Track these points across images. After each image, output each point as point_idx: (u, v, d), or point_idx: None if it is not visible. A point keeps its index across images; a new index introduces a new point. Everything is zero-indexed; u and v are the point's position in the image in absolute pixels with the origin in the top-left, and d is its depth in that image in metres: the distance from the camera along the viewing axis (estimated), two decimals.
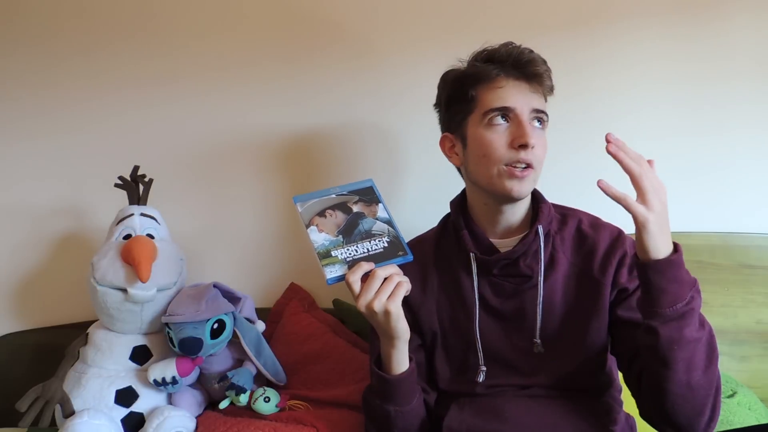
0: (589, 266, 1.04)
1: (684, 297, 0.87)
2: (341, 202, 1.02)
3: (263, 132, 1.56)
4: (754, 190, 1.48)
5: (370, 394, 1.06)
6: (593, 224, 1.09)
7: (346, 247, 0.96)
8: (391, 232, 0.99)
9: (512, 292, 1.05)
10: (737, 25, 1.45)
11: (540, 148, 1.02)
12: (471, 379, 1.06)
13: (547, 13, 1.48)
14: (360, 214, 1.01)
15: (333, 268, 0.94)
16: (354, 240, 0.97)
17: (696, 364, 0.88)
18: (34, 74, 1.57)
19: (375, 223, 1.00)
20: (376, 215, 1.01)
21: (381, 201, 1.03)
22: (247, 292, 1.41)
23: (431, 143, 1.42)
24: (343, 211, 1.01)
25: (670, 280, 0.86)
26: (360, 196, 1.03)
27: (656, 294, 0.87)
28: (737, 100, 1.47)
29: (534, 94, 1.03)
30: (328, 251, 0.96)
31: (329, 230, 0.98)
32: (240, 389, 1.26)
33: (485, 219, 1.08)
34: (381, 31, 1.52)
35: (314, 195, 1.02)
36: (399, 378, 1.00)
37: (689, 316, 0.87)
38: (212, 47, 1.55)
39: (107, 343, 1.30)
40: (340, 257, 0.95)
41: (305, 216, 1.00)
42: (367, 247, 0.97)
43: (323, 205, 1.01)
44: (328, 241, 0.97)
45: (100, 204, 1.55)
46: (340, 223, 0.99)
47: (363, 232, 0.98)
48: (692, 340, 0.87)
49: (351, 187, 1.04)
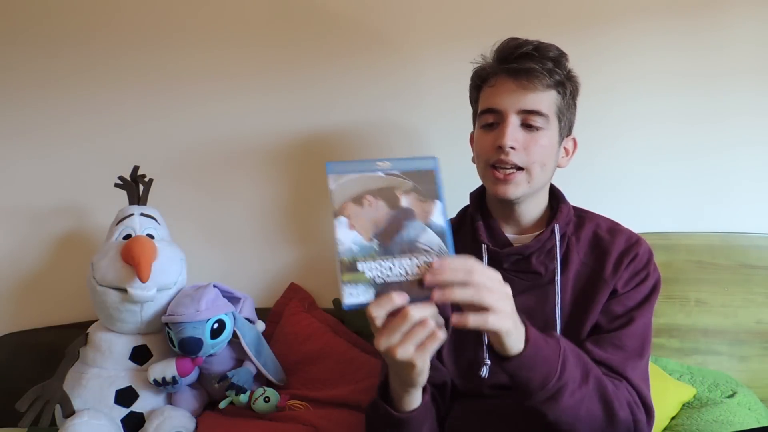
0: (600, 267, 1.03)
1: (554, 372, 0.82)
2: (388, 187, 0.74)
3: (263, 132, 1.56)
4: (754, 190, 1.48)
5: (375, 418, 0.94)
6: (611, 229, 1.08)
7: (378, 261, 0.71)
8: (442, 250, 0.73)
9: (522, 288, 1.04)
10: (738, 26, 1.45)
11: (533, 149, 1.00)
12: (476, 376, 1.04)
13: (564, 12, 1.48)
14: (408, 213, 0.74)
15: (355, 289, 0.70)
16: (392, 251, 0.72)
17: (592, 423, 0.87)
18: (35, 75, 1.57)
19: (425, 231, 0.73)
20: (428, 218, 0.74)
21: (441, 198, 0.75)
22: (247, 292, 1.41)
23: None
24: (388, 203, 0.74)
25: (533, 366, 0.81)
26: (415, 183, 0.75)
27: (524, 386, 0.83)
28: (738, 100, 1.47)
29: (524, 93, 0.99)
30: (354, 262, 0.71)
31: (363, 229, 0.72)
32: (240, 389, 1.26)
33: (500, 213, 1.09)
34: (399, 29, 1.52)
35: (354, 167, 0.75)
36: (409, 416, 0.88)
37: (564, 387, 0.83)
38: (216, 46, 1.55)
39: (107, 343, 1.30)
40: (368, 275, 0.71)
41: (337, 198, 0.73)
42: (406, 268, 0.72)
43: (363, 186, 0.74)
44: (358, 246, 0.71)
45: (100, 204, 1.55)
46: (379, 220, 0.73)
47: (406, 241, 0.72)
48: (576, 401, 0.85)
49: (406, 165, 0.76)
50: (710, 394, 1.33)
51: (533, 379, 0.82)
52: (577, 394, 0.85)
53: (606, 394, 0.89)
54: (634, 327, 0.99)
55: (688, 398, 1.32)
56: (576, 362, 0.86)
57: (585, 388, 0.86)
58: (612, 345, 0.98)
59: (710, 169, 1.49)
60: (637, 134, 1.49)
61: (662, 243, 1.44)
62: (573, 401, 0.85)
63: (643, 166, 1.50)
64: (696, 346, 1.44)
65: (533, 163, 1.01)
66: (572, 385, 0.84)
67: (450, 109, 1.32)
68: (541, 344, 0.81)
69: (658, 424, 1.23)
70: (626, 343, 0.98)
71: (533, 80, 0.99)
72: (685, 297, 1.44)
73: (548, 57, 1.00)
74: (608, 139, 1.49)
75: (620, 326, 0.99)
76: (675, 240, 1.45)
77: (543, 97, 1.01)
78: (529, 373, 0.81)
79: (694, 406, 1.30)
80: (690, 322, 1.44)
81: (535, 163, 1.01)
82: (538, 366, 0.81)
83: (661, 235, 1.45)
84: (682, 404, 1.31)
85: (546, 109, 1.01)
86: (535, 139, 1.01)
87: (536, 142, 1.01)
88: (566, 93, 1.03)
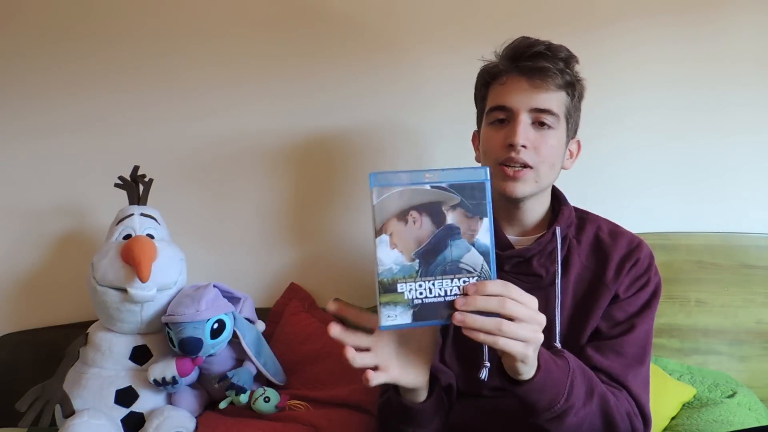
0: (602, 271, 1.03)
1: (561, 394, 0.82)
2: (434, 202, 0.70)
3: (264, 132, 1.56)
4: (754, 190, 1.48)
5: (388, 411, 0.96)
6: (612, 232, 1.07)
7: (419, 281, 0.69)
8: (485, 271, 0.71)
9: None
10: (738, 26, 1.45)
11: (542, 148, 1.00)
12: (476, 378, 1.04)
13: (559, 7, 1.48)
14: (453, 231, 0.70)
15: (393, 311, 0.68)
16: (433, 272, 0.69)
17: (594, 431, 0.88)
18: (35, 74, 1.57)
19: (469, 250, 0.70)
20: (474, 237, 0.71)
21: (489, 214, 0.71)
22: (247, 292, 1.41)
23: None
24: (433, 219, 0.70)
25: (543, 390, 0.81)
26: (463, 198, 0.71)
27: (531, 406, 0.83)
28: (738, 100, 1.47)
29: (537, 91, 1.00)
30: (395, 282, 0.69)
31: (405, 248, 0.69)
32: (240, 389, 1.26)
33: (502, 215, 1.08)
34: (398, 28, 1.52)
35: (399, 179, 0.70)
36: (421, 407, 0.90)
37: (570, 408, 0.84)
38: (216, 45, 1.55)
39: (107, 343, 1.30)
40: (407, 296, 0.69)
41: (380, 214, 0.69)
42: (446, 289, 0.70)
43: (408, 200, 0.70)
44: (399, 267, 0.69)
45: (100, 204, 1.55)
46: (423, 238, 0.70)
47: (449, 262, 0.70)
48: (580, 420, 0.86)
49: (456, 177, 0.71)
50: (710, 394, 1.33)
51: (541, 401, 0.82)
52: (581, 413, 0.86)
53: (608, 409, 0.90)
54: (635, 334, 0.99)
55: (688, 398, 1.32)
56: (582, 380, 0.87)
57: (589, 406, 0.87)
58: (613, 352, 0.98)
59: (710, 169, 1.49)
60: (636, 134, 1.49)
61: (662, 243, 1.44)
62: (577, 420, 0.85)
63: (642, 166, 1.50)
64: (696, 346, 1.44)
65: (542, 163, 1.01)
66: (578, 404, 0.85)
67: (452, 110, 1.32)
68: (551, 367, 0.81)
69: (658, 424, 1.22)
70: (627, 350, 0.98)
71: (546, 79, 0.99)
72: (685, 297, 1.44)
73: (560, 57, 1.01)
74: (607, 138, 1.49)
75: (621, 333, 0.99)
76: (675, 240, 1.45)
77: (554, 97, 1.01)
78: (539, 396, 0.81)
79: (694, 406, 1.30)
80: (690, 322, 1.44)
81: (543, 162, 1.01)
82: (547, 389, 0.81)
83: (661, 235, 1.45)
84: (682, 404, 1.31)
85: (556, 108, 1.01)
86: (545, 138, 1.01)
87: (546, 141, 1.01)
88: (574, 95, 1.04)
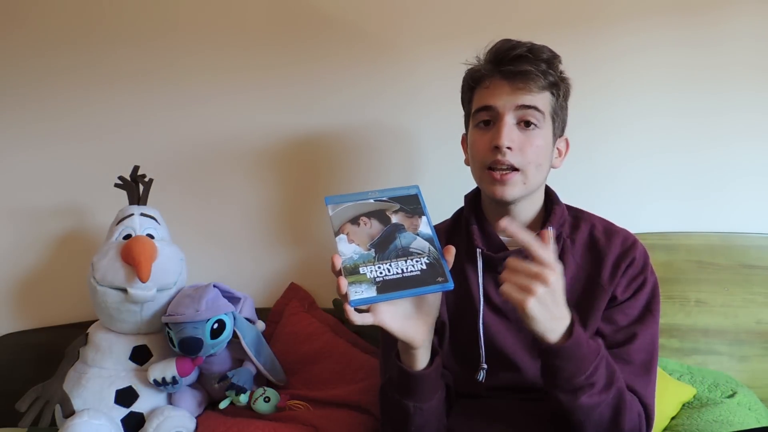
0: (597, 272, 1.03)
1: (583, 372, 0.87)
2: (379, 210, 0.89)
3: (264, 132, 1.56)
4: (753, 189, 1.48)
5: (390, 387, 0.99)
6: (606, 230, 1.07)
7: (377, 264, 0.84)
8: (432, 252, 0.86)
9: None
10: (738, 31, 1.45)
11: (528, 149, 1.00)
12: (474, 379, 1.05)
13: (558, 11, 1.48)
14: (399, 227, 0.88)
15: (359, 288, 0.81)
16: (388, 257, 0.85)
17: (599, 424, 0.90)
18: (35, 74, 1.57)
19: (415, 239, 0.87)
20: (417, 230, 0.88)
21: (425, 213, 0.90)
22: (247, 292, 1.41)
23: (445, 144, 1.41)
24: (380, 221, 0.88)
25: (566, 359, 0.86)
26: (402, 205, 0.90)
27: (552, 371, 0.88)
28: (737, 103, 1.47)
29: (519, 92, 0.99)
30: (356, 267, 0.83)
31: (361, 242, 0.86)
32: (240, 389, 1.26)
33: (495, 217, 1.07)
34: (395, 30, 1.52)
35: (349, 197, 0.90)
36: (423, 373, 0.94)
37: (588, 387, 0.88)
38: (214, 47, 1.55)
39: (107, 343, 1.30)
40: (369, 276, 0.83)
41: (336, 221, 0.87)
42: (402, 268, 0.84)
43: (358, 210, 0.89)
44: (358, 255, 0.84)
45: (100, 204, 1.55)
46: (374, 234, 0.87)
47: (400, 248, 0.86)
48: (593, 404, 0.88)
49: (393, 193, 0.92)
50: (710, 394, 1.33)
51: (564, 370, 0.87)
52: (596, 398, 0.88)
53: (622, 406, 0.91)
54: (641, 341, 0.99)
55: (688, 398, 1.32)
56: (606, 370, 0.90)
57: (605, 396, 0.89)
58: (621, 360, 0.98)
59: (710, 169, 1.49)
60: (636, 133, 1.49)
61: (662, 243, 1.44)
62: (590, 402, 0.88)
63: (642, 166, 1.50)
64: (696, 346, 1.44)
65: (528, 164, 1.00)
66: (596, 387, 0.88)
67: (448, 112, 1.31)
68: (582, 342, 0.86)
69: (658, 424, 1.23)
70: (635, 357, 0.98)
71: (528, 82, 0.99)
72: (685, 297, 1.44)
73: (542, 59, 1.00)
74: (607, 138, 1.49)
75: (627, 340, 1.00)
76: (675, 240, 1.45)
77: (537, 98, 1.01)
78: (563, 364, 0.86)
79: (694, 406, 1.30)
80: (690, 322, 1.44)
81: (530, 164, 1.00)
82: (573, 360, 0.86)
83: (660, 235, 1.45)
84: (682, 404, 1.31)
85: (542, 106, 1.01)
86: (531, 139, 1.00)
87: (531, 142, 1.00)
88: (559, 94, 1.04)
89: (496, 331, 1.04)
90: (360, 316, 0.83)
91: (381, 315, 0.85)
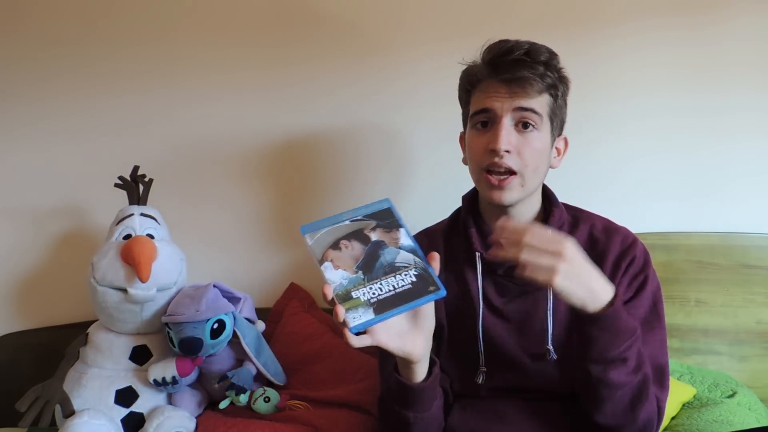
0: None
1: (618, 346, 0.87)
2: (356, 230, 0.87)
3: (264, 132, 1.56)
4: (753, 189, 1.48)
5: (388, 398, 0.98)
6: (606, 229, 1.06)
7: (368, 286, 0.82)
8: (418, 263, 0.84)
9: (517, 293, 1.04)
10: (738, 31, 1.45)
11: (526, 152, 0.99)
12: (473, 381, 1.05)
13: (557, 11, 1.48)
14: (380, 244, 0.86)
15: (356, 312, 0.79)
16: (377, 276, 0.83)
17: (618, 406, 0.91)
18: (35, 75, 1.57)
19: (398, 252, 0.85)
20: (398, 243, 0.86)
21: (402, 225, 0.88)
22: (247, 292, 1.41)
23: (440, 145, 1.41)
24: (360, 241, 0.86)
25: (603, 330, 0.87)
26: (377, 221, 0.88)
27: (586, 339, 0.88)
28: (737, 103, 1.46)
29: (517, 96, 0.98)
30: (348, 292, 0.81)
31: (347, 266, 0.83)
32: (240, 389, 1.26)
33: (492, 217, 1.07)
34: (392, 31, 1.52)
35: (324, 223, 0.88)
36: (422, 386, 0.93)
37: (620, 363, 0.88)
38: (213, 47, 1.55)
39: (107, 343, 1.30)
40: (363, 299, 0.81)
41: (316, 250, 0.85)
42: (393, 284, 0.82)
43: (336, 234, 0.86)
44: (347, 280, 0.82)
45: (100, 204, 1.55)
46: (358, 255, 0.85)
47: (386, 265, 0.84)
48: (619, 383, 0.89)
49: (365, 210, 0.89)
50: (710, 394, 1.33)
51: (600, 339, 0.87)
52: (624, 378, 0.89)
53: (644, 391, 0.92)
54: (651, 347, 0.98)
55: (688, 398, 1.32)
56: (637, 352, 0.90)
57: (632, 377, 0.90)
58: None
59: (710, 169, 1.49)
60: (636, 133, 1.49)
61: (662, 243, 1.44)
62: (618, 380, 0.89)
63: (642, 166, 1.50)
64: (696, 346, 1.44)
65: (526, 167, 0.99)
66: (628, 366, 0.89)
67: (445, 112, 1.32)
68: (621, 316, 0.87)
69: None
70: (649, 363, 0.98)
71: (526, 87, 0.98)
72: (685, 297, 1.44)
73: (540, 61, 0.98)
74: (607, 138, 1.49)
75: None
76: (675, 240, 1.45)
77: (535, 101, 0.99)
78: (600, 334, 0.87)
79: (694, 406, 1.30)
80: (690, 322, 1.44)
81: (528, 167, 0.99)
82: (610, 331, 0.87)
83: (660, 235, 1.45)
84: (682, 404, 1.31)
85: (540, 109, 1.00)
86: (529, 141, 0.99)
87: (529, 144, 0.99)
88: (558, 94, 1.02)
89: (496, 333, 1.04)
90: (358, 339, 0.81)
91: (378, 335, 0.83)
